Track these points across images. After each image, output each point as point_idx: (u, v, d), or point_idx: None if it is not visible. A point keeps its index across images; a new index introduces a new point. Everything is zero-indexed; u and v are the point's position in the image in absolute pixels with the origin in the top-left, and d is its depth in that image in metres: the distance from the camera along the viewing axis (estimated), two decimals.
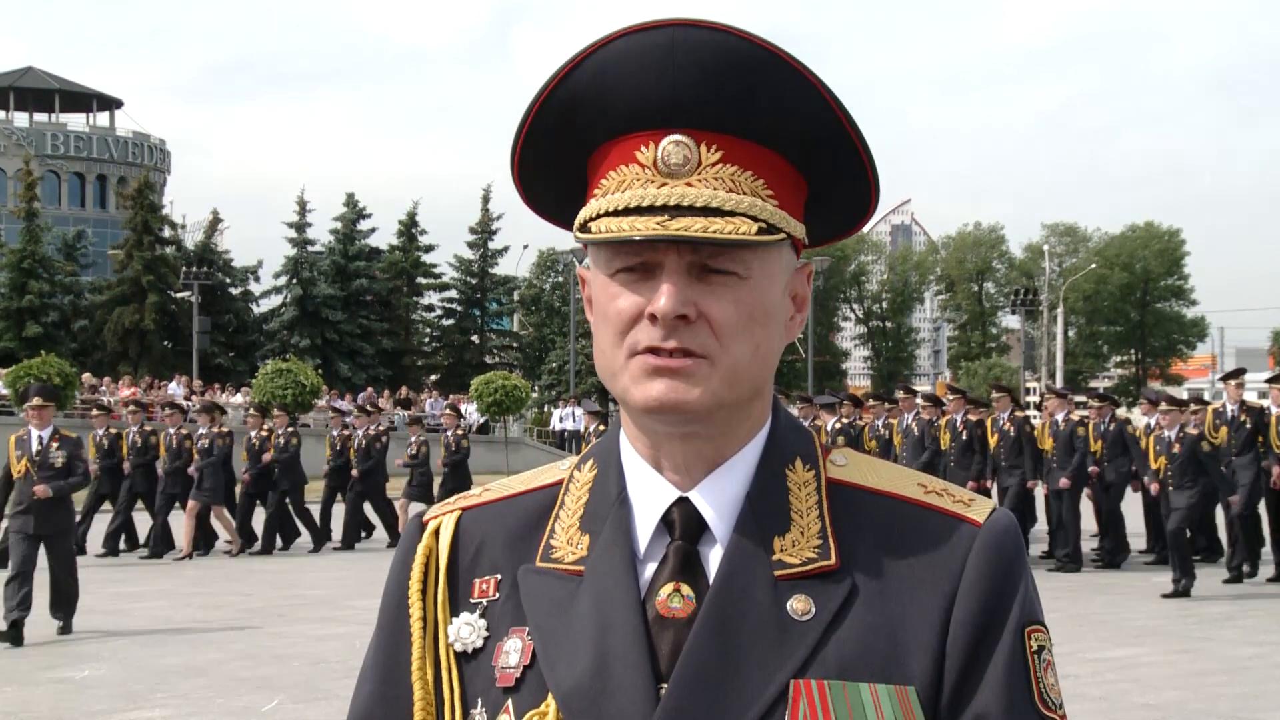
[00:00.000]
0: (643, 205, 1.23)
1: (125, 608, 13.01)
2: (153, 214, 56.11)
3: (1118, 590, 14.20)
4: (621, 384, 1.27)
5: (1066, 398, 17.00)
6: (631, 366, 1.25)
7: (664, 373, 1.23)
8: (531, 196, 1.38)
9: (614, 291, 1.26)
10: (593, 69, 1.24)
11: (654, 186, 1.24)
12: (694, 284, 1.23)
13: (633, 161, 1.26)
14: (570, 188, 1.34)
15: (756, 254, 1.25)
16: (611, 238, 1.23)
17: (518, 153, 1.32)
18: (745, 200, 1.24)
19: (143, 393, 40.63)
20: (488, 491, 1.42)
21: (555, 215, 1.39)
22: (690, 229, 1.21)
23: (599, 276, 1.29)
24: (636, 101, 1.24)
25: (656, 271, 1.24)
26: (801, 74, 1.24)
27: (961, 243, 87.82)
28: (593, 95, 1.25)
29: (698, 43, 1.22)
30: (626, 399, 1.27)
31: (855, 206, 1.35)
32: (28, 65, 79.98)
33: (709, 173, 1.25)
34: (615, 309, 1.26)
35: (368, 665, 1.39)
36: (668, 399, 1.23)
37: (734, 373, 1.25)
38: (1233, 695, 8.79)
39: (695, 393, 1.23)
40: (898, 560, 1.27)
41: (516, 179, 1.35)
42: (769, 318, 1.27)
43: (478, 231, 62.86)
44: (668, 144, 1.25)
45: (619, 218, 1.24)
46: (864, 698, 1.20)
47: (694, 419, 1.25)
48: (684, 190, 1.23)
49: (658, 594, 1.26)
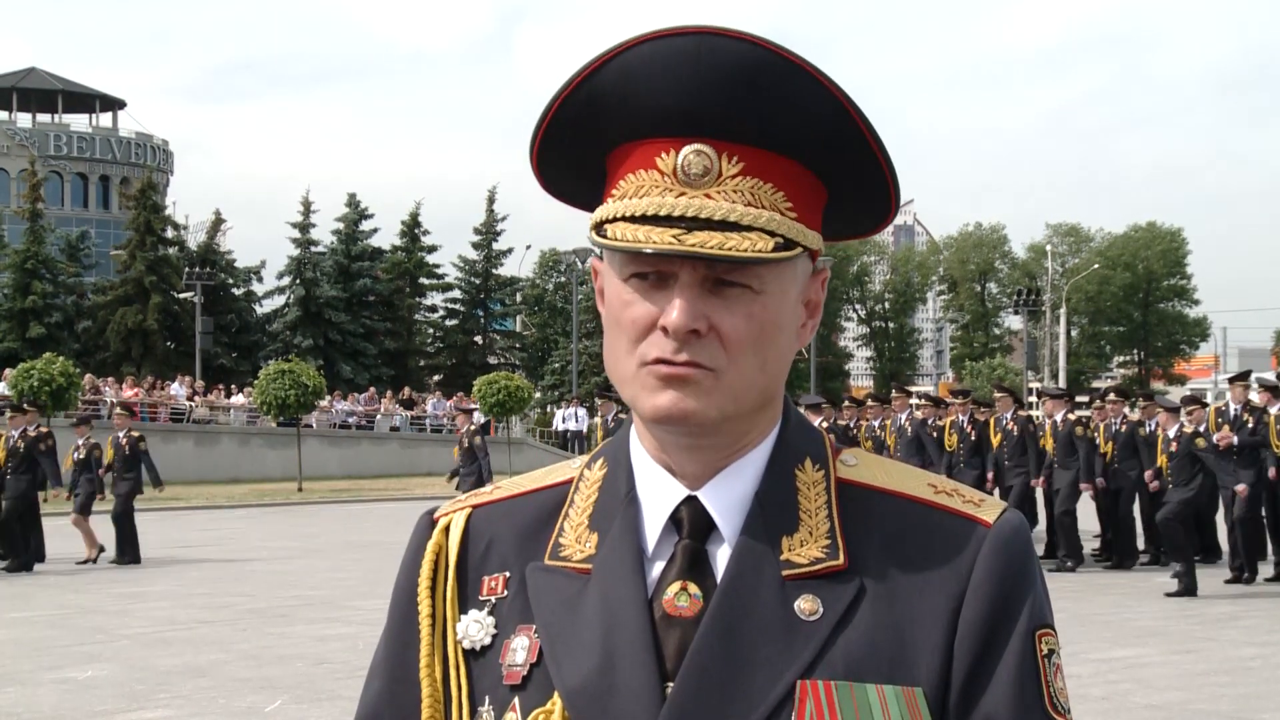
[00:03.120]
0: (659, 215, 1.23)
1: (128, 608, 13.02)
2: (156, 214, 56.15)
3: (1120, 591, 14.21)
4: (631, 391, 1.27)
5: (1063, 398, 17.02)
6: (642, 376, 1.25)
7: (673, 383, 1.23)
8: (550, 182, 1.38)
9: (628, 298, 1.26)
10: (619, 69, 1.24)
11: (672, 195, 1.24)
12: (707, 297, 1.23)
13: (652, 167, 1.25)
14: (590, 178, 1.33)
15: (771, 269, 1.25)
16: (626, 248, 1.22)
17: (538, 142, 1.31)
18: (764, 215, 1.23)
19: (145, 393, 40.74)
20: (498, 490, 1.42)
21: (574, 200, 1.39)
22: (706, 245, 1.20)
23: (614, 280, 1.28)
24: (660, 107, 1.23)
25: (670, 282, 1.23)
26: (824, 85, 1.24)
27: (964, 243, 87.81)
28: (617, 96, 1.24)
29: (725, 52, 1.21)
30: (636, 406, 1.27)
31: (876, 209, 1.34)
32: (31, 66, 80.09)
33: (729, 185, 1.24)
34: (629, 317, 1.26)
35: (377, 662, 1.39)
36: (675, 409, 1.23)
37: (740, 387, 1.25)
38: (1235, 695, 8.79)
39: (703, 404, 1.24)
40: (906, 560, 1.26)
41: (535, 167, 1.35)
42: (779, 330, 1.27)
43: (482, 232, 62.90)
44: (689, 153, 1.24)
45: (635, 225, 1.23)
46: (871, 699, 1.20)
47: (700, 430, 1.26)
48: (702, 202, 1.23)
49: (665, 593, 1.26)
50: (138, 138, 78.07)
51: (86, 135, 76.31)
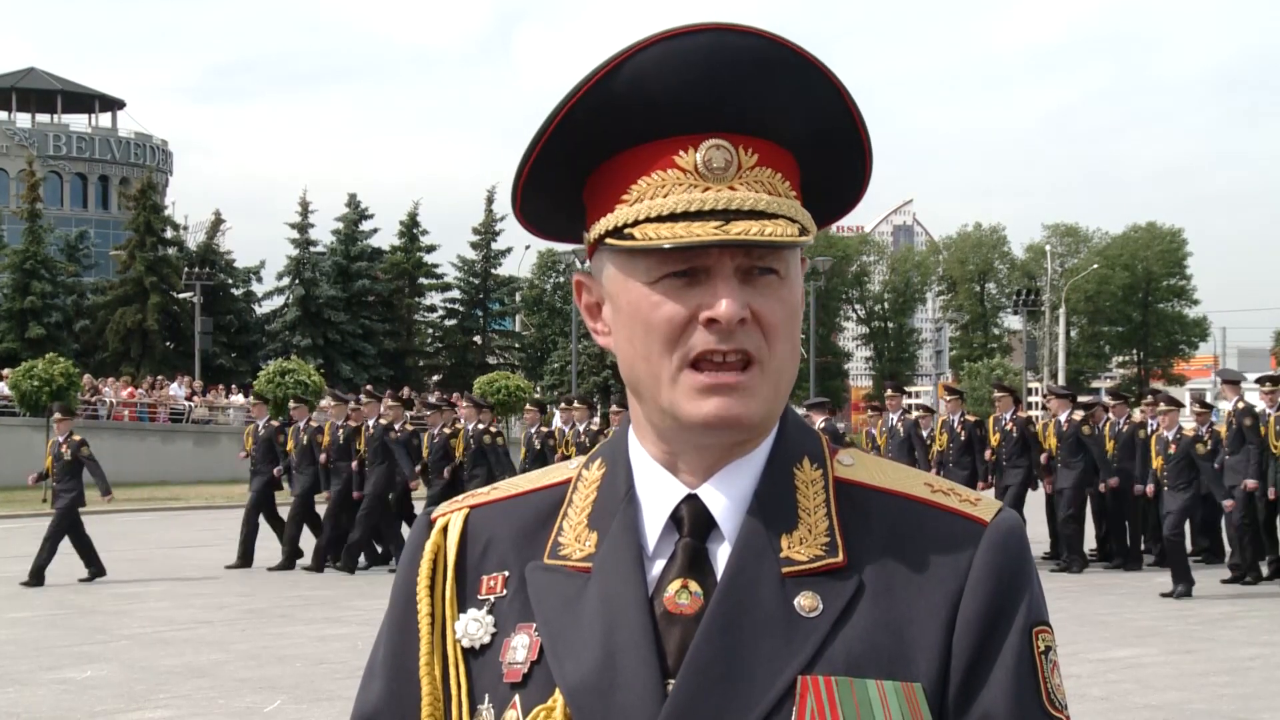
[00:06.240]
0: (690, 210, 1.24)
1: (127, 608, 13.02)
2: (155, 215, 56.12)
3: (1120, 590, 14.22)
4: (669, 397, 1.26)
5: (1068, 398, 16.99)
6: (683, 382, 1.25)
7: (720, 390, 1.24)
8: (526, 203, 1.35)
9: (656, 300, 1.25)
10: (633, 71, 1.24)
11: (699, 191, 1.24)
12: (743, 286, 1.25)
13: (671, 166, 1.26)
14: (567, 206, 1.33)
15: (791, 253, 1.28)
16: (675, 244, 1.22)
17: (537, 151, 1.29)
18: (784, 202, 1.26)
19: (144, 394, 40.74)
20: (496, 490, 1.42)
21: (544, 228, 1.38)
22: (749, 232, 1.22)
23: (634, 285, 1.27)
24: (677, 105, 1.24)
25: (702, 276, 1.24)
26: (829, 79, 1.27)
27: (963, 243, 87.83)
28: (633, 96, 1.25)
29: (738, 47, 1.23)
30: (677, 413, 1.26)
31: (846, 193, 1.37)
32: (30, 66, 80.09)
33: (749, 176, 1.26)
34: (662, 316, 1.25)
35: (376, 661, 1.39)
36: (726, 415, 1.24)
37: (780, 374, 1.27)
38: (1234, 695, 8.80)
39: (751, 406, 1.25)
40: (904, 558, 1.27)
41: (523, 181, 1.31)
42: (799, 314, 1.30)
43: (481, 232, 62.88)
44: (709, 147, 1.25)
45: (667, 224, 1.24)
46: (871, 694, 1.21)
47: (749, 431, 1.27)
48: (730, 194, 1.24)
49: (665, 590, 1.26)
50: (137, 138, 78.05)
51: (86, 135, 76.29)
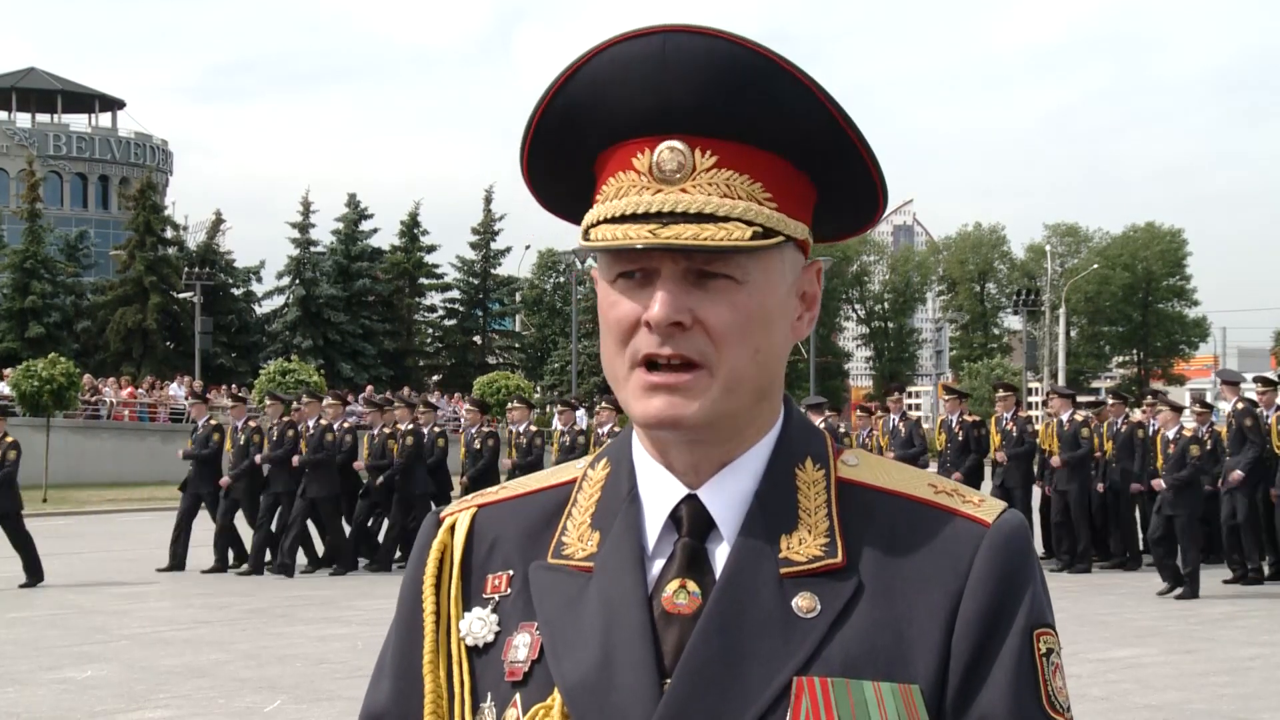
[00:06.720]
0: (637, 213, 1.24)
1: (127, 608, 13.02)
2: (155, 214, 56.15)
3: (1120, 590, 14.22)
4: (624, 396, 1.29)
5: (1070, 398, 16.99)
6: (632, 381, 1.27)
7: (662, 389, 1.25)
8: (546, 198, 1.40)
9: (614, 299, 1.28)
10: (589, 77, 1.25)
11: (648, 193, 1.25)
12: (691, 290, 1.24)
13: (629, 168, 1.27)
14: (582, 187, 1.35)
15: (754, 258, 1.26)
16: (602, 246, 1.25)
17: (525, 159, 1.34)
18: (740, 205, 1.24)
19: (144, 394, 40.72)
20: (504, 489, 1.43)
21: (572, 215, 1.40)
22: (681, 236, 1.22)
23: (602, 284, 1.30)
24: (631, 109, 1.25)
25: (654, 278, 1.25)
26: (794, 76, 1.24)
27: (963, 243, 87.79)
28: (590, 103, 1.26)
29: (689, 48, 1.22)
30: (629, 411, 1.29)
31: (864, 204, 1.35)
32: (30, 66, 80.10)
33: (703, 178, 1.25)
34: (615, 316, 1.27)
35: (385, 661, 1.40)
36: (666, 415, 1.25)
37: (732, 379, 1.26)
38: (1235, 695, 8.80)
39: (694, 407, 1.25)
40: (905, 559, 1.27)
41: (529, 183, 1.37)
42: (769, 321, 1.28)
43: (480, 232, 62.92)
44: (663, 150, 1.25)
45: (616, 225, 1.25)
46: (867, 695, 1.21)
47: (694, 431, 1.27)
48: (678, 197, 1.24)
49: (664, 590, 1.27)
50: (137, 138, 78.07)
51: (86, 135, 76.29)
